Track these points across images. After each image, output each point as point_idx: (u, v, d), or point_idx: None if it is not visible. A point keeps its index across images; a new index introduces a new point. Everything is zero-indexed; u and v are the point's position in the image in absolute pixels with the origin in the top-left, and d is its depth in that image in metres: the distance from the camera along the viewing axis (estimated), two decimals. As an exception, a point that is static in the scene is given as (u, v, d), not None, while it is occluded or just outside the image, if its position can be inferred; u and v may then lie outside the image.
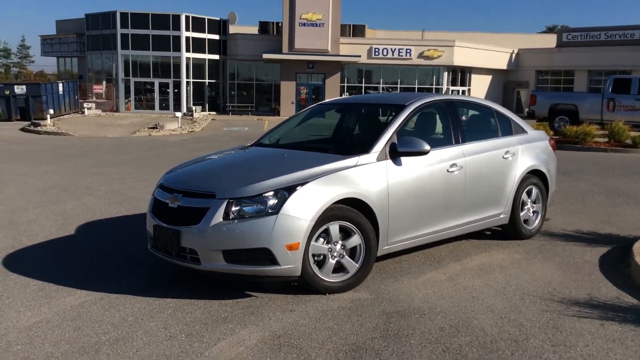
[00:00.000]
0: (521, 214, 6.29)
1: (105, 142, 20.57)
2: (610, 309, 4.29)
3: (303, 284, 4.53)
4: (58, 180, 10.76)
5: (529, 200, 6.43)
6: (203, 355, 3.52)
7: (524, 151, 6.36)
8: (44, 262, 5.57)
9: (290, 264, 4.32)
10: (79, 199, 8.84)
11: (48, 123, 26.93)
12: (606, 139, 17.78)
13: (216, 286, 4.74)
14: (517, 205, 6.20)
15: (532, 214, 6.47)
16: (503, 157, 6.08)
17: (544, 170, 6.57)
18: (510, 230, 6.31)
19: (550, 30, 69.62)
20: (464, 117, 6.34)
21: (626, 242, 6.19)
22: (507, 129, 6.43)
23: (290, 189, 4.40)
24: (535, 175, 6.49)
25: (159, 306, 4.33)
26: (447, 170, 5.45)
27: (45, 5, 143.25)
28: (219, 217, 4.33)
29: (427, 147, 5.04)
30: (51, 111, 29.51)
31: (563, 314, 4.17)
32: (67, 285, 4.82)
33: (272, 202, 4.34)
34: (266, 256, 4.30)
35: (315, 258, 4.53)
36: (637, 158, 15.23)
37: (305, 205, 4.37)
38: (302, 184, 4.44)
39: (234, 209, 4.34)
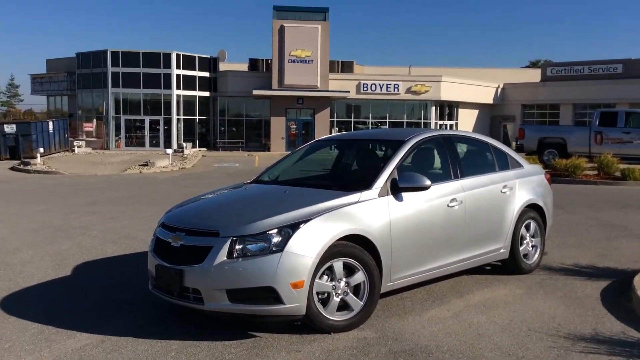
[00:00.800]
0: (520, 248, 6.31)
1: (96, 180, 20.48)
2: (617, 344, 4.27)
3: (307, 323, 4.48)
4: (51, 220, 10.66)
5: (528, 235, 6.46)
6: (211, 399, 3.45)
7: (521, 185, 6.41)
8: (42, 304, 5.48)
9: (295, 303, 4.29)
10: (73, 239, 8.75)
11: (38, 162, 26.82)
12: (595, 172, 17.98)
13: (219, 326, 4.68)
14: (516, 239, 6.22)
15: (531, 248, 6.49)
16: (501, 192, 6.12)
17: (541, 204, 6.62)
18: (510, 265, 6.32)
19: (533, 64, 70.92)
20: (461, 152, 6.42)
21: (625, 275, 6.21)
22: (504, 163, 6.49)
23: (294, 226, 4.39)
24: (533, 209, 6.53)
25: (161, 348, 4.26)
26: (447, 205, 5.47)
27: (35, 45, 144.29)
28: (222, 256, 4.31)
29: (428, 182, 5.07)
30: (41, 150, 29.39)
31: (571, 350, 4.16)
32: (67, 327, 4.74)
33: (276, 239, 4.33)
34: (271, 295, 4.26)
35: (320, 296, 4.50)
36: (626, 190, 15.40)
37: (309, 242, 4.36)
38: (306, 221, 4.44)
39: (237, 247, 4.32)
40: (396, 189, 5.09)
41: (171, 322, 4.88)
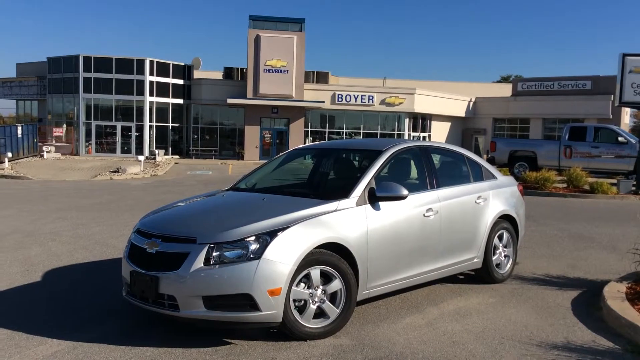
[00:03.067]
0: (493, 258, 6.40)
1: (66, 186, 20.13)
2: (588, 352, 4.35)
3: (284, 330, 4.47)
4: (19, 225, 10.44)
5: (501, 245, 6.55)
6: (186, 406, 3.41)
7: (495, 196, 6.51)
8: (11, 310, 5.36)
9: (271, 310, 4.27)
10: (43, 245, 8.58)
11: (6, 166, 26.32)
12: (565, 185, 18.33)
13: (194, 333, 4.64)
14: (489, 249, 6.31)
15: (503, 258, 6.58)
16: (475, 202, 6.21)
17: (514, 214, 6.73)
18: (483, 274, 6.40)
19: (504, 79, 72.21)
20: (437, 163, 6.50)
21: (595, 285, 6.33)
22: (478, 174, 6.59)
23: (272, 233, 4.39)
24: (506, 220, 6.63)
25: (135, 355, 4.20)
26: (424, 215, 5.53)
27: (5, 48, 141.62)
28: (199, 263, 4.27)
29: (406, 192, 5.12)
30: (9, 154, 28.83)
31: (543, 358, 4.22)
32: (38, 334, 4.64)
33: (254, 246, 4.31)
34: (247, 302, 4.24)
35: (297, 303, 4.49)
36: (595, 203, 15.73)
37: (287, 249, 4.36)
38: (284, 229, 4.44)
39: (215, 254, 4.30)
40: (374, 198, 5.12)
41: (145, 329, 4.81)
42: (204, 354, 4.23)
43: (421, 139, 43.27)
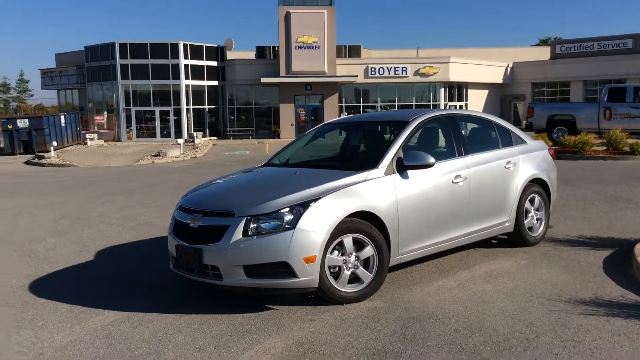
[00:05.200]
0: (525, 221, 6.51)
1: (110, 171, 20.83)
2: (615, 306, 4.49)
3: (320, 295, 4.74)
4: (70, 210, 10.98)
5: (532, 208, 6.65)
6: (232, 364, 3.73)
7: (525, 161, 6.60)
8: (69, 286, 5.78)
9: (308, 276, 4.54)
10: (92, 227, 9.05)
11: (52, 155, 27.21)
12: (604, 147, 18.05)
13: (237, 301, 4.95)
14: (520, 213, 6.42)
15: (535, 222, 6.69)
16: (505, 167, 6.32)
17: (545, 178, 6.80)
18: (515, 238, 6.53)
19: (543, 42, 70.40)
20: (465, 132, 6.61)
21: (628, 244, 6.39)
22: (507, 140, 6.68)
23: (305, 204, 4.64)
24: (536, 184, 6.72)
25: (185, 322, 4.54)
26: (452, 182, 5.68)
27: (44, 39, 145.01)
28: (238, 234, 4.56)
29: (432, 160, 5.28)
30: (54, 143, 29.75)
31: (570, 313, 4.38)
32: (94, 306, 5.02)
33: (289, 217, 4.57)
34: (285, 269, 4.52)
35: (331, 270, 4.75)
36: (635, 165, 15.48)
37: (319, 219, 4.60)
38: (316, 200, 4.68)
39: (252, 226, 4.58)
40: (402, 167, 5.31)
41: (192, 300, 5.15)
42: (248, 319, 4.54)
43: (458, 108, 42.81)
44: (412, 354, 3.75)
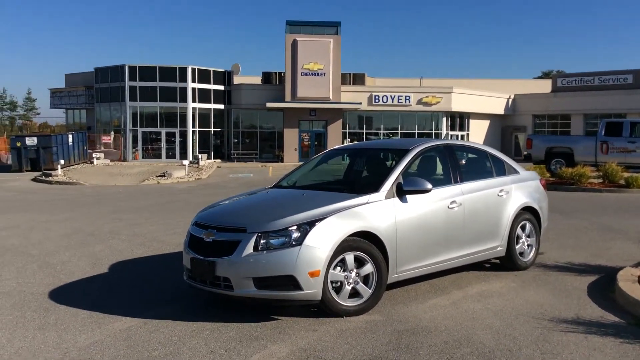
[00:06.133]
0: (517, 246, 6.91)
1: (117, 190, 21.28)
2: (594, 325, 4.88)
3: (323, 308, 5.14)
4: (80, 226, 11.39)
5: (524, 234, 7.06)
6: (242, 365, 4.11)
7: (517, 189, 7.03)
8: (86, 295, 6.17)
9: (312, 289, 4.95)
10: (104, 242, 9.46)
11: (59, 173, 27.71)
12: (600, 180, 18.46)
13: (245, 312, 5.34)
14: (512, 238, 6.83)
15: (526, 247, 7.09)
16: (498, 195, 6.74)
17: (536, 206, 7.22)
18: (507, 262, 6.92)
19: (546, 75, 71.40)
20: (463, 161, 7.05)
21: (614, 271, 6.75)
22: (501, 169, 7.12)
23: (311, 223, 5.06)
24: (528, 212, 7.13)
25: (197, 328, 4.93)
26: (448, 207, 6.11)
27: (54, 60, 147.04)
28: (249, 249, 4.98)
29: (430, 185, 5.72)
30: (62, 162, 30.28)
31: (552, 330, 4.77)
32: (112, 313, 5.42)
33: (296, 235, 4.99)
34: (291, 282, 4.92)
35: (334, 284, 5.15)
36: (629, 197, 15.89)
37: (324, 237, 5.02)
38: (321, 219, 5.11)
39: (262, 241, 5.00)
40: (401, 192, 5.74)
41: (203, 310, 5.54)
42: (255, 327, 4.93)
43: (459, 138, 43.38)
44: (406, 361, 4.14)
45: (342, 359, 4.21)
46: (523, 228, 7.06)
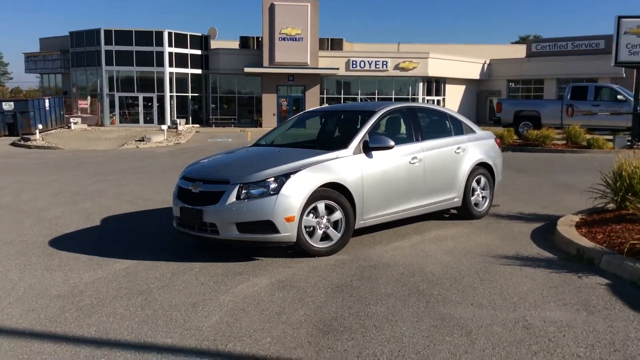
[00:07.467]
0: (472, 198, 7.71)
1: (96, 154, 21.67)
2: (530, 260, 5.70)
3: (297, 249, 5.87)
4: (67, 187, 11.91)
5: (479, 187, 7.85)
6: (229, 292, 4.84)
7: (474, 147, 7.78)
8: (84, 243, 6.82)
9: (288, 232, 5.67)
10: (93, 200, 10.05)
11: (37, 138, 27.87)
12: (564, 141, 19.42)
13: (229, 254, 6.06)
14: (468, 190, 7.61)
15: (481, 199, 7.89)
16: (455, 152, 7.49)
17: (490, 162, 8.00)
18: (463, 212, 7.72)
19: (523, 40, 72.13)
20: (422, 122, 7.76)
21: (558, 219, 7.59)
22: (459, 129, 7.86)
23: (287, 175, 5.76)
24: (483, 167, 7.91)
25: (187, 267, 5.64)
26: (409, 162, 6.84)
27: (28, 24, 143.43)
28: (232, 198, 5.67)
29: (392, 143, 6.44)
30: (40, 126, 30.41)
31: (493, 263, 5.58)
32: (110, 256, 6.09)
33: (274, 185, 5.69)
34: (270, 227, 5.64)
35: (307, 229, 5.88)
36: (589, 157, 16.85)
37: (298, 187, 5.73)
38: (296, 172, 5.80)
39: (244, 191, 5.69)
40: (367, 148, 6.45)
41: (191, 253, 6.24)
42: (239, 265, 5.66)
43: (435, 102, 44.14)
44: (366, 288, 4.91)
45: (314, 287, 4.96)
46: (478, 182, 7.83)
